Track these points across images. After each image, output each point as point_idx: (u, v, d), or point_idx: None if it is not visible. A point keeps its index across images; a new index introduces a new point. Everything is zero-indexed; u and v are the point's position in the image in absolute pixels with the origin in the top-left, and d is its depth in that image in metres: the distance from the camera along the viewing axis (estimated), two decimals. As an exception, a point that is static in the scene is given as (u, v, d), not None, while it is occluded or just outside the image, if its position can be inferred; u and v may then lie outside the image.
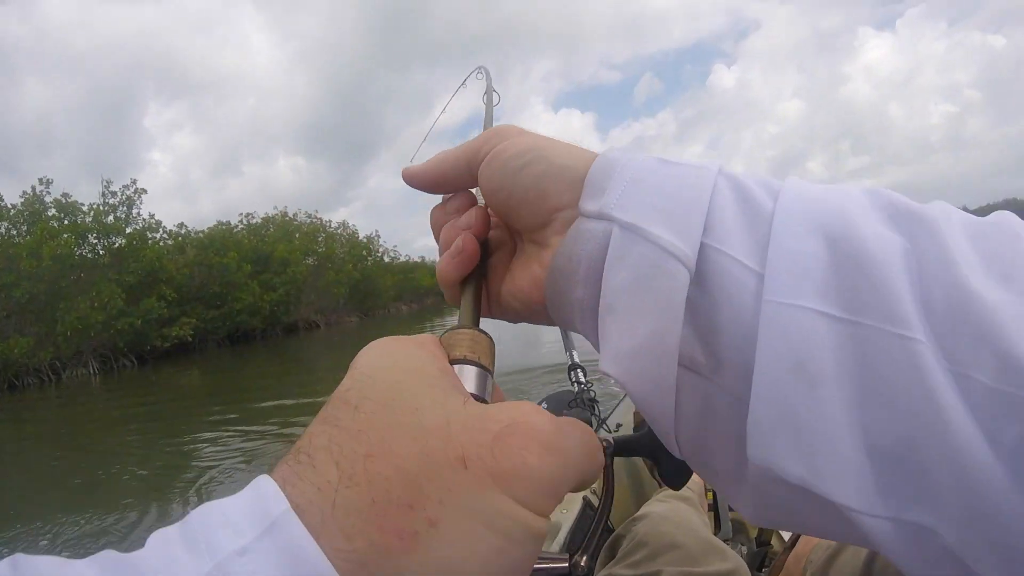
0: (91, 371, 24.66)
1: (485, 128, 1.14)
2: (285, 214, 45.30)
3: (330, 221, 49.21)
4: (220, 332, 32.14)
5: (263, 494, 0.23)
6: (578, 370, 2.17)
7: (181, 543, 0.22)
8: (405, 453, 0.25)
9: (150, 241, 30.62)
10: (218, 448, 8.09)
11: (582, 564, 0.39)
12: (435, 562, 0.23)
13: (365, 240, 52.07)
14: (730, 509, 1.57)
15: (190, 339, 28.85)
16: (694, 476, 1.34)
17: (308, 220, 46.98)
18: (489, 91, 1.11)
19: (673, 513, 1.21)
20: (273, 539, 0.22)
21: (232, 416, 10.32)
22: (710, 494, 1.64)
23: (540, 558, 0.43)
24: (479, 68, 1.15)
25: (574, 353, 2.27)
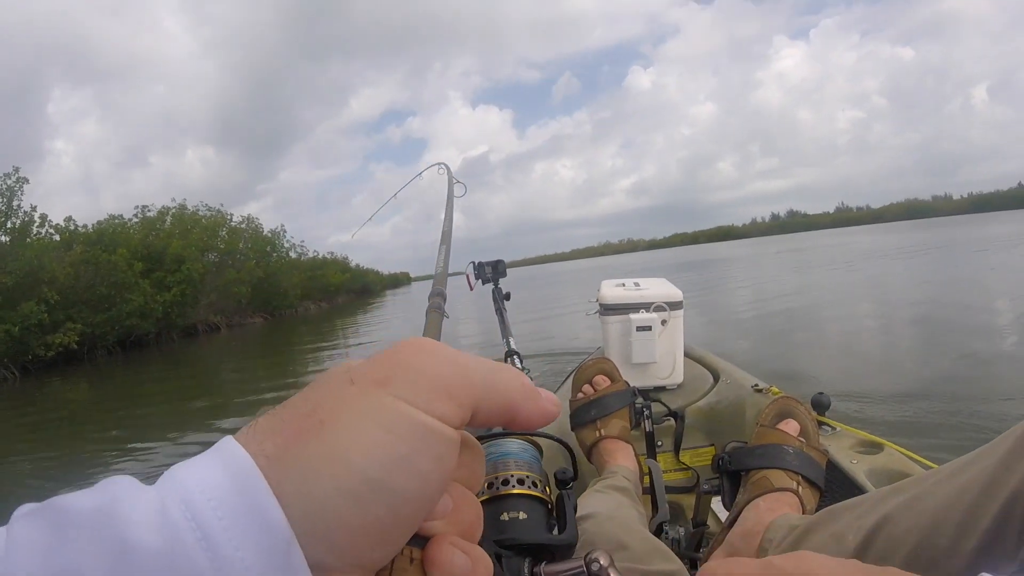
0: (-35, 385, 22.06)
1: (446, 220, 1.52)
2: (184, 207, 42.37)
3: (232, 215, 46.29)
4: (109, 338, 29.52)
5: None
6: (514, 356, 2.16)
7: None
8: (310, 393, 0.30)
9: (33, 237, 27.97)
10: (109, 466, 7.15)
11: (600, 561, 0.39)
12: (324, 452, 0.27)
13: (270, 235, 49.64)
14: (666, 492, 1.60)
15: (76, 347, 26.33)
16: (629, 461, 1.57)
17: (209, 213, 44.10)
18: (450, 185, 1.39)
19: (617, 511, 1.27)
20: (214, 452, 0.27)
21: (124, 431, 9.38)
22: (647, 478, 1.62)
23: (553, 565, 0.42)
24: (440, 164, 1.49)
25: (511, 340, 2.30)
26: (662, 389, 2.48)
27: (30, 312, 24.02)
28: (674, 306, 2.49)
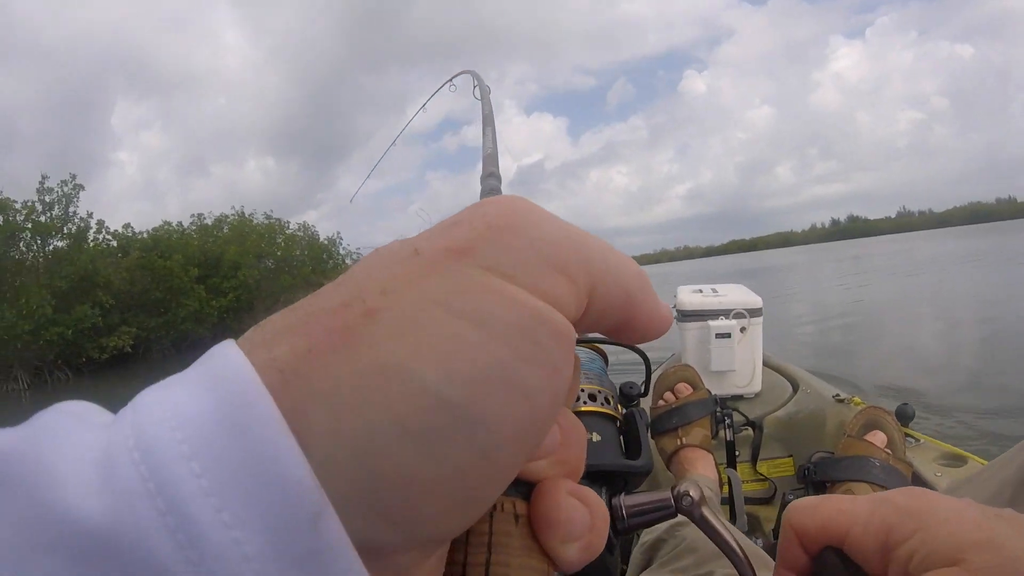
0: (21, 385, 22.43)
1: (485, 128, 1.18)
2: (241, 214, 42.86)
3: (288, 222, 46.56)
4: (164, 341, 29.84)
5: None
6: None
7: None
8: (355, 275, 0.20)
9: (91, 242, 28.44)
10: None
11: (691, 494, 0.36)
12: (373, 361, 0.17)
13: (326, 242, 49.93)
14: (745, 502, 1.58)
15: (129, 350, 26.66)
16: (710, 471, 1.58)
17: (266, 221, 44.61)
18: (483, 90, 1.33)
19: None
20: (201, 365, 0.18)
21: None
22: (725, 487, 1.62)
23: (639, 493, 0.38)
24: (469, 71, 1.40)
25: None
26: (740, 398, 2.42)
27: (84, 316, 24.32)
28: (753, 313, 2.44)
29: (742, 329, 2.40)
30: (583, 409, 0.40)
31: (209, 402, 0.16)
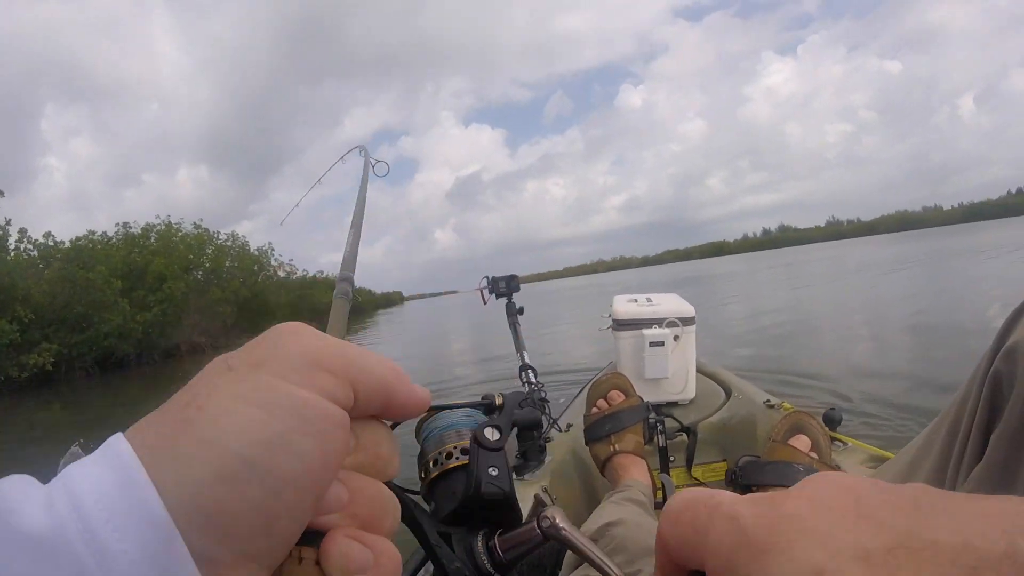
0: (-69, 407, 21.30)
1: (357, 203, 1.43)
2: (168, 224, 41.64)
3: (218, 232, 45.45)
4: (87, 359, 28.75)
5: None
6: (529, 371, 2.38)
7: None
8: (191, 383, 0.29)
9: (11, 252, 27.38)
10: None
11: (554, 520, 0.40)
12: (204, 437, 0.26)
13: (257, 253, 48.92)
14: None
15: (51, 368, 25.66)
16: (643, 476, 1.61)
17: (194, 231, 43.38)
18: (366, 168, 1.50)
19: (641, 519, 1.30)
20: (103, 449, 0.27)
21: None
22: (659, 492, 1.64)
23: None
24: (359, 147, 1.55)
25: (524, 354, 2.51)
26: (674, 404, 2.50)
27: (2, 331, 23.46)
28: (686, 322, 2.51)
29: (675, 337, 2.48)
30: (448, 467, 0.47)
31: (109, 471, 0.25)
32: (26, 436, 12.85)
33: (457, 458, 0.46)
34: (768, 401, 2.26)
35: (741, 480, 1.48)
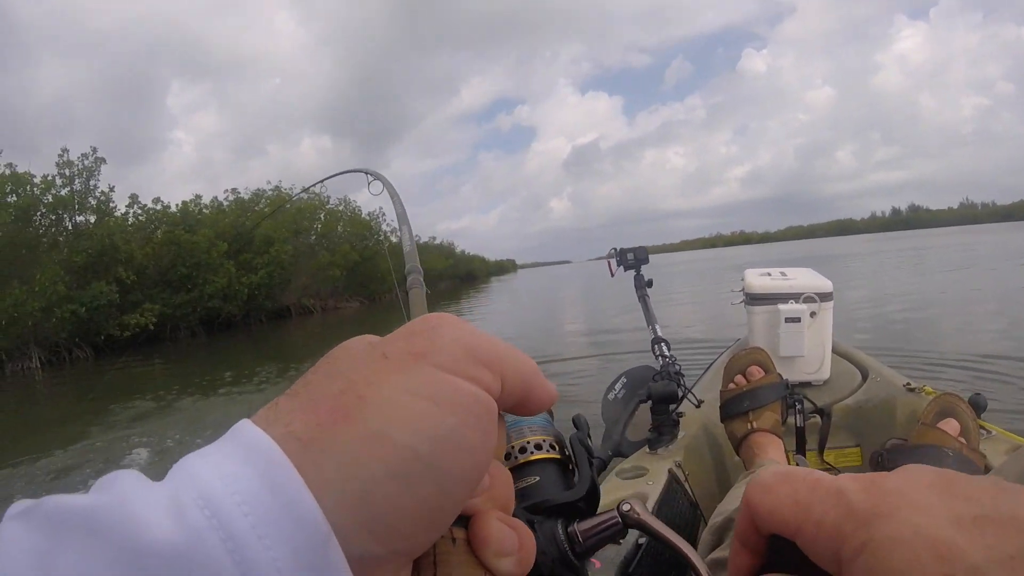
0: (35, 364, 21.18)
1: (399, 216, 1.60)
2: (278, 189, 41.33)
3: (329, 197, 44.95)
4: (191, 319, 28.42)
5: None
6: (662, 343, 2.32)
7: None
8: (336, 367, 0.28)
9: (119, 217, 27.23)
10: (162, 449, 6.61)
11: (634, 508, 0.40)
12: (371, 430, 0.25)
13: (368, 218, 48.26)
14: None
15: (152, 327, 25.29)
16: (780, 456, 1.59)
17: (305, 196, 43.04)
18: (391, 190, 1.61)
19: None
20: (230, 440, 0.25)
21: (198, 409, 9.01)
22: None
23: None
24: (367, 173, 1.65)
25: (656, 327, 2.48)
26: (807, 385, 2.43)
27: (99, 292, 22.95)
28: (824, 297, 2.43)
29: (812, 314, 2.39)
30: (532, 458, 0.45)
31: (247, 466, 0.23)
32: (127, 391, 12.57)
33: (547, 451, 0.46)
34: (908, 384, 2.19)
35: (888, 463, 1.46)
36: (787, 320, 2.37)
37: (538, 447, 0.46)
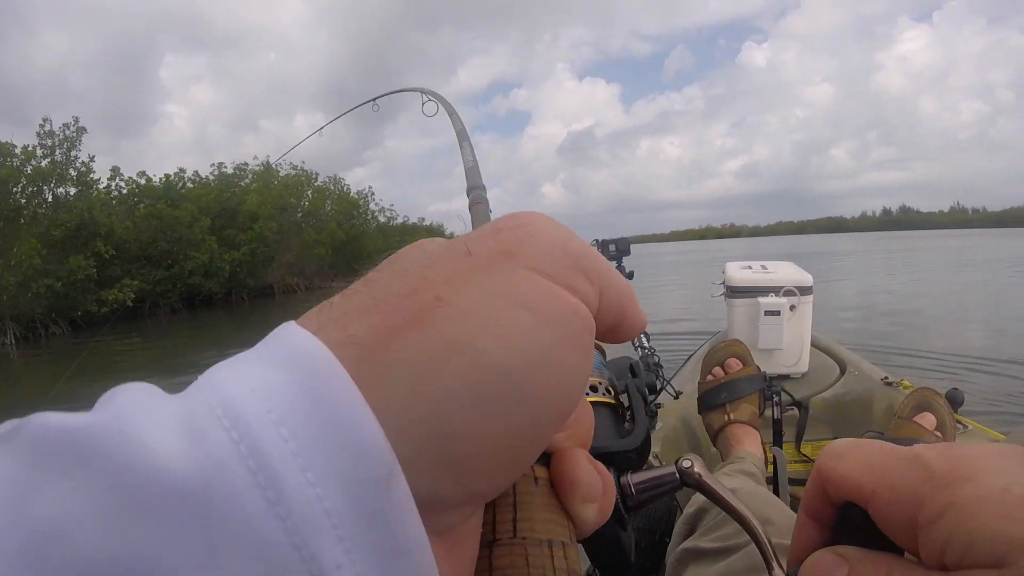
0: (9, 339, 20.92)
1: (462, 143, 1.32)
2: (266, 164, 40.66)
3: (317, 174, 44.25)
4: (171, 296, 28.04)
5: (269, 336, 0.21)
6: (641, 334, 2.16)
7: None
8: (404, 265, 0.23)
9: (101, 190, 26.81)
10: None
11: (694, 466, 0.39)
12: (446, 339, 0.20)
13: (356, 197, 47.67)
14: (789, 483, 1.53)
15: (130, 304, 24.94)
16: (756, 448, 1.58)
17: (293, 172, 42.46)
18: (448, 108, 1.46)
19: (757, 489, 1.28)
20: (270, 344, 0.20)
21: (178, 388, 8.42)
22: (771, 466, 1.56)
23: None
24: (422, 91, 1.51)
25: None
26: (786, 377, 2.46)
27: (76, 267, 22.66)
28: (804, 291, 2.46)
29: (792, 307, 2.41)
30: (587, 400, 0.39)
31: (289, 375, 0.18)
32: (105, 369, 12.31)
33: (603, 394, 0.44)
34: (886, 378, 2.21)
35: None
36: (767, 313, 2.39)
37: (593, 389, 0.43)
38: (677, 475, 0.39)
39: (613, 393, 0.44)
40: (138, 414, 0.17)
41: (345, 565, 0.16)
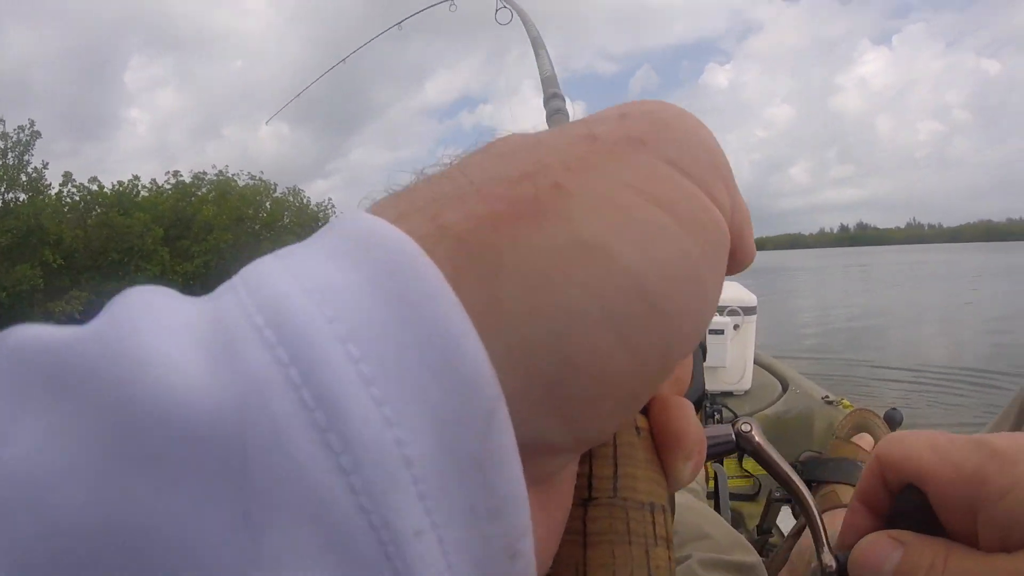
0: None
1: (537, 51, 1.42)
2: (223, 173, 39.84)
3: (276, 185, 43.47)
4: (120, 308, 27.13)
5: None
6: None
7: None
8: (506, 148, 0.18)
9: (53, 195, 26.04)
10: None
11: (751, 429, 0.36)
12: (570, 236, 0.15)
13: (315, 209, 47.07)
14: (730, 498, 1.61)
15: (79, 316, 24.14)
16: None
17: (251, 182, 41.73)
18: (521, 14, 1.58)
19: (695, 504, 1.27)
20: (328, 233, 0.15)
21: None
22: (711, 482, 1.64)
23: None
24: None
25: None
26: (729, 394, 2.53)
27: (22, 276, 21.97)
28: (748, 311, 2.59)
29: (735, 326, 2.50)
30: None
31: (360, 273, 0.13)
32: None
33: None
34: (827, 397, 2.29)
35: (802, 475, 1.41)
36: (711, 332, 2.37)
37: None
38: (734, 437, 0.37)
39: None
40: (146, 324, 0.12)
41: (426, 530, 0.12)
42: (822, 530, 0.34)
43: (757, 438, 0.37)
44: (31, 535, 0.10)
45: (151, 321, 0.12)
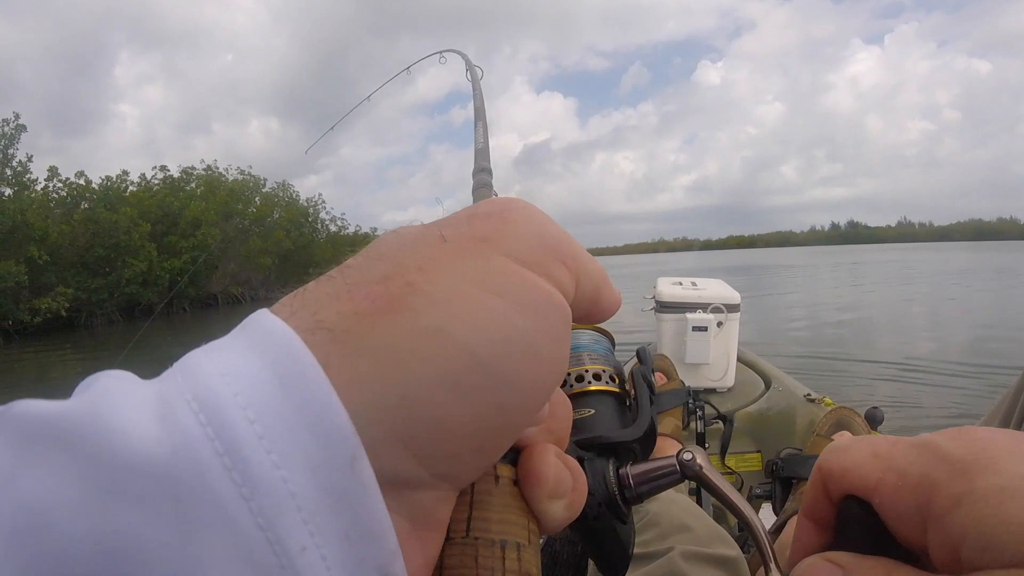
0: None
1: (476, 121, 1.32)
2: (211, 168, 39.60)
3: (265, 180, 43.48)
4: (108, 305, 27.03)
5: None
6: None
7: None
8: (380, 251, 0.23)
9: (39, 191, 25.83)
10: None
11: (695, 459, 0.37)
12: (415, 325, 0.20)
13: (306, 204, 46.72)
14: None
15: (64, 313, 24.05)
16: None
17: (241, 177, 41.13)
18: (474, 75, 1.51)
19: (678, 497, 1.27)
20: (242, 331, 0.21)
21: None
22: None
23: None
24: (454, 51, 1.59)
25: None
26: (712, 391, 2.53)
27: (8, 272, 21.68)
28: (731, 308, 2.54)
29: (719, 324, 2.48)
30: (589, 388, 0.42)
31: (258, 360, 0.19)
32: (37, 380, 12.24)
33: (606, 382, 0.43)
34: (809, 395, 2.26)
35: (782, 472, 1.51)
36: (694, 329, 2.44)
37: (597, 377, 0.43)
38: (677, 467, 0.38)
39: (618, 381, 0.43)
40: (115, 399, 0.17)
41: (310, 547, 0.17)
42: (769, 550, 0.34)
43: (702, 465, 0.37)
44: (46, 548, 0.15)
45: (118, 397, 0.18)
